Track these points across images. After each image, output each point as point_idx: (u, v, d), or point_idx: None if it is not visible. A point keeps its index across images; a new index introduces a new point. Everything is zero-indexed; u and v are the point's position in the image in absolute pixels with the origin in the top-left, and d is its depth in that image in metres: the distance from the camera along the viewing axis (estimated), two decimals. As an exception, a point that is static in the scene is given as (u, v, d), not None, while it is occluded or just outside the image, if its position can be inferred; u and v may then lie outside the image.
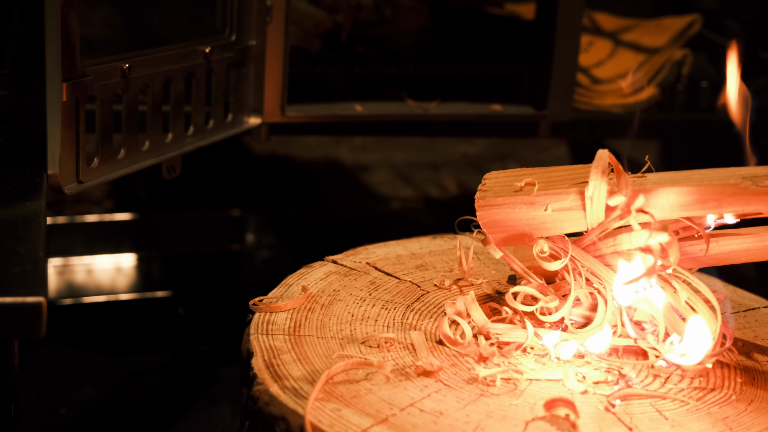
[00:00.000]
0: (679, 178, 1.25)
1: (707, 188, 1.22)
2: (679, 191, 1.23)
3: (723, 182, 1.22)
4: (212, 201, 2.92)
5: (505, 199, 1.28)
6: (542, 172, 1.31)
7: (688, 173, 1.26)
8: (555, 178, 1.29)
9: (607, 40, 2.45)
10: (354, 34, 2.16)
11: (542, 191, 1.27)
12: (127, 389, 2.08)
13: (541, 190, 1.27)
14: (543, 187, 1.27)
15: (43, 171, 1.46)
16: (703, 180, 1.23)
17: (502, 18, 2.39)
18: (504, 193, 1.28)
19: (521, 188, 1.27)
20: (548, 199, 1.27)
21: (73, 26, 1.43)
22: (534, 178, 1.28)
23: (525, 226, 1.29)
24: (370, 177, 3.37)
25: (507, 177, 1.31)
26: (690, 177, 1.25)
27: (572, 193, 1.26)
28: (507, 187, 1.29)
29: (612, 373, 1.23)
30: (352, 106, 2.03)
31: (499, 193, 1.29)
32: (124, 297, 2.32)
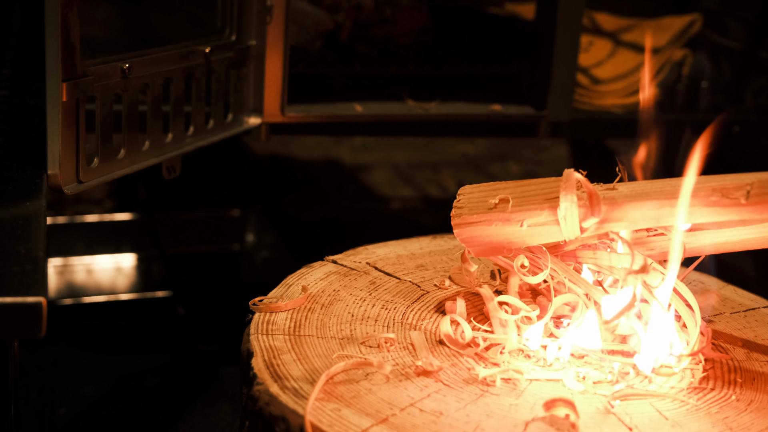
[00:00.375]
0: (651, 189, 1.24)
1: (677, 201, 1.22)
2: (650, 205, 1.23)
3: (693, 194, 1.22)
4: (212, 201, 2.92)
5: (481, 217, 1.28)
6: (516, 186, 1.30)
7: (661, 183, 1.25)
8: (529, 193, 1.28)
9: (607, 40, 2.45)
10: (354, 34, 2.16)
11: (516, 207, 1.27)
12: (127, 389, 2.08)
13: (515, 207, 1.27)
14: (517, 203, 1.27)
15: (43, 171, 1.46)
16: (674, 192, 1.23)
17: (502, 18, 2.39)
18: (479, 209, 1.29)
19: (495, 205, 1.28)
20: (523, 216, 1.27)
21: (73, 26, 1.43)
22: (508, 193, 1.28)
23: (502, 240, 1.30)
24: (370, 177, 3.37)
25: (481, 192, 1.31)
26: (662, 189, 1.24)
27: (546, 209, 1.26)
28: (482, 203, 1.29)
29: (612, 373, 1.23)
30: (352, 106, 2.03)
31: (474, 210, 1.29)
32: (124, 297, 2.32)
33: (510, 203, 1.27)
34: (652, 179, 1.32)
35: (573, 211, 1.24)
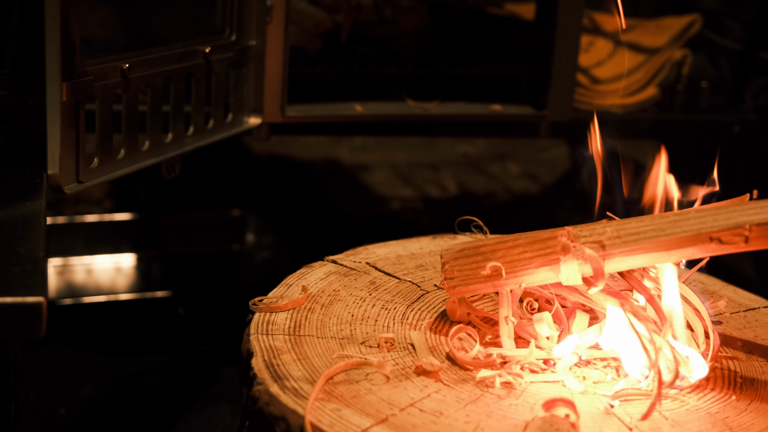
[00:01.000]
0: (646, 230, 1.23)
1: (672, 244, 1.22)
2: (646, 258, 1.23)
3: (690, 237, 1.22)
4: (212, 201, 2.92)
5: (477, 287, 1.27)
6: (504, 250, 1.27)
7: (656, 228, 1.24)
8: (518, 255, 1.26)
9: (607, 40, 2.45)
10: (354, 34, 2.16)
11: (511, 273, 1.26)
12: (127, 389, 2.08)
13: (509, 272, 1.26)
14: (509, 268, 1.25)
15: (43, 171, 1.46)
16: (669, 235, 1.22)
17: (502, 18, 2.39)
18: (472, 279, 1.27)
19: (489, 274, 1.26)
20: (519, 279, 1.27)
21: (73, 26, 1.43)
22: (497, 258, 1.25)
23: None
24: (370, 177, 3.37)
25: (467, 258, 1.27)
26: (658, 230, 1.23)
27: (542, 270, 1.26)
28: (472, 272, 1.27)
29: (612, 373, 1.23)
30: (352, 106, 2.03)
31: (467, 281, 1.27)
32: (124, 297, 2.32)
33: (503, 271, 1.25)
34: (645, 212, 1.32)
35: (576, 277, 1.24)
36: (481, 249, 1.27)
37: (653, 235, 1.22)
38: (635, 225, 1.23)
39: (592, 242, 1.23)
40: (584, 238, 1.23)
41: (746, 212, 1.20)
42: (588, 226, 1.25)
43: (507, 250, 1.26)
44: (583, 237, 1.23)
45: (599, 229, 1.24)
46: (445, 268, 1.27)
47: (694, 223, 1.21)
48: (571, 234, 1.23)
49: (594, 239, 1.23)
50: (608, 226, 1.23)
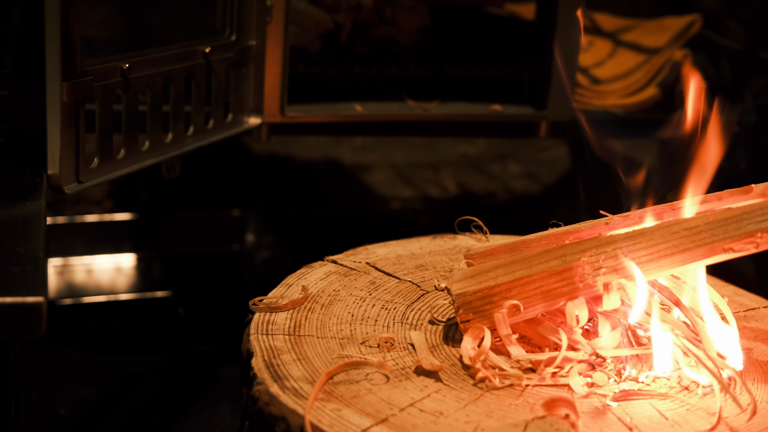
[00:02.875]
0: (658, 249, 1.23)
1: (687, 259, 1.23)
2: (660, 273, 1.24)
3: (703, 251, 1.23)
4: (212, 201, 2.92)
5: (494, 323, 1.25)
6: (518, 287, 1.24)
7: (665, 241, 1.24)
8: (534, 291, 1.24)
9: (607, 40, 2.45)
10: (354, 34, 2.16)
11: (530, 308, 1.24)
12: (127, 389, 2.08)
13: (527, 307, 1.24)
14: (527, 304, 1.24)
15: (43, 171, 1.46)
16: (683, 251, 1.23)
17: (502, 18, 2.39)
18: (489, 317, 1.24)
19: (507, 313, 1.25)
20: (537, 311, 1.26)
21: (73, 26, 1.43)
22: (512, 297, 1.24)
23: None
24: (370, 177, 3.37)
25: (482, 301, 1.25)
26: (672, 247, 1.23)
27: (561, 300, 1.25)
28: (486, 309, 1.25)
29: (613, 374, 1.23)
30: (352, 106, 2.03)
31: (483, 320, 1.25)
32: (124, 297, 2.32)
33: (521, 308, 1.25)
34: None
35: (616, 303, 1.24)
36: (494, 290, 1.25)
37: (666, 253, 1.23)
38: (646, 244, 1.23)
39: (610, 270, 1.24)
40: (602, 269, 1.24)
41: (755, 220, 1.22)
42: (598, 249, 1.24)
43: (522, 287, 1.25)
44: (599, 265, 1.24)
45: (610, 252, 1.23)
46: (460, 312, 1.25)
47: (705, 237, 1.23)
48: (589, 265, 1.23)
49: (611, 266, 1.24)
50: (619, 248, 1.23)
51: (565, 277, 1.24)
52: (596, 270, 1.23)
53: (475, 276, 1.26)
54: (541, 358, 1.22)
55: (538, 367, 1.22)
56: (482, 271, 1.25)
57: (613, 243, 1.24)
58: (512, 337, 1.25)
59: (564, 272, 1.24)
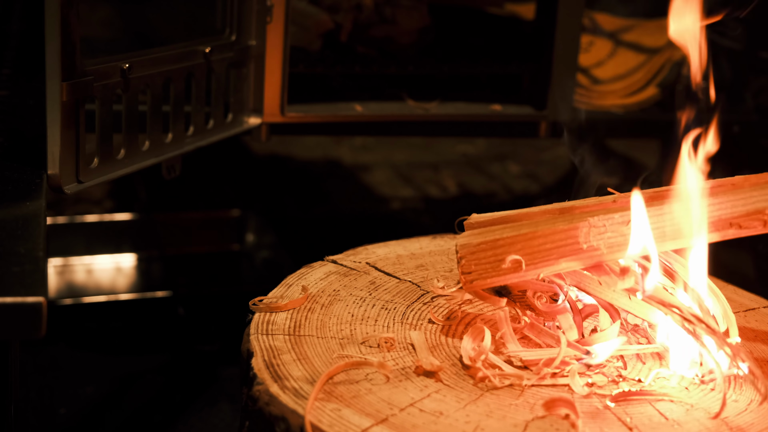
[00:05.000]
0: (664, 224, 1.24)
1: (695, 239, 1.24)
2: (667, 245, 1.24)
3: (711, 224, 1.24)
4: (212, 201, 2.91)
5: (495, 279, 1.25)
6: (523, 241, 1.25)
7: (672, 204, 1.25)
8: (539, 248, 1.24)
9: (607, 40, 2.45)
10: (354, 34, 2.16)
11: (531, 266, 1.24)
12: (127, 389, 2.08)
13: (529, 264, 1.24)
14: (529, 260, 1.24)
15: (43, 171, 1.46)
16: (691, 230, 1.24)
17: (502, 18, 2.39)
18: (491, 273, 1.25)
19: (508, 268, 1.25)
20: (539, 271, 1.25)
21: (73, 26, 1.43)
22: (515, 250, 1.24)
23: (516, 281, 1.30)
24: (370, 177, 3.37)
25: (485, 253, 1.26)
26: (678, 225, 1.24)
27: (563, 262, 1.25)
28: (491, 265, 1.25)
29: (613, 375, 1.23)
30: (352, 106, 2.03)
31: (484, 275, 1.25)
32: (124, 297, 2.32)
33: (523, 263, 1.24)
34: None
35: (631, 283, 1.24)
36: (498, 242, 1.25)
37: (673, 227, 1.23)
38: (656, 214, 1.23)
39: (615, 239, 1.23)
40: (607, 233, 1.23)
41: (764, 198, 1.22)
42: (605, 214, 1.24)
43: (526, 242, 1.24)
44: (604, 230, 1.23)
45: (618, 219, 1.23)
46: (462, 263, 1.25)
47: (713, 209, 1.22)
48: (595, 227, 1.23)
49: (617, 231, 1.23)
50: (626, 217, 1.23)
51: (570, 235, 1.24)
52: (601, 233, 1.23)
53: (481, 233, 1.26)
54: (537, 357, 1.22)
55: (533, 366, 1.22)
56: (488, 230, 1.25)
57: (621, 210, 1.24)
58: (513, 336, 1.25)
59: (569, 230, 1.24)
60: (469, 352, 1.22)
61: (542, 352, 1.24)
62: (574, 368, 1.21)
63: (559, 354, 1.22)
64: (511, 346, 1.25)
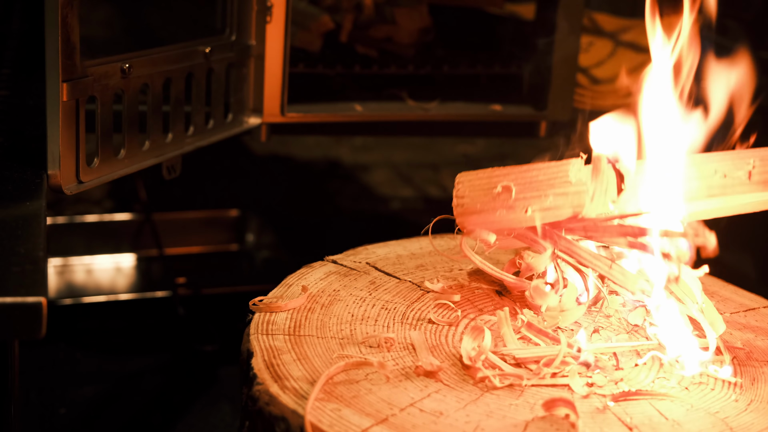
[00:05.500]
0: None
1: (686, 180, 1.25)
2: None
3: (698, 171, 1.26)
4: (212, 201, 2.91)
5: (484, 206, 1.28)
6: (517, 173, 1.30)
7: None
8: (531, 180, 1.29)
9: (607, 40, 2.45)
10: (354, 34, 2.16)
11: (520, 195, 1.27)
12: (127, 389, 2.08)
13: (519, 194, 1.27)
14: (520, 191, 1.27)
15: (43, 171, 1.46)
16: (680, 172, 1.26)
17: (502, 18, 2.39)
18: (481, 198, 1.28)
19: (499, 194, 1.28)
20: (528, 203, 1.27)
21: (73, 26, 1.43)
22: (509, 180, 1.28)
23: (507, 225, 1.31)
24: (370, 177, 3.37)
25: (481, 180, 1.31)
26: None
27: (551, 195, 1.27)
28: (483, 192, 1.29)
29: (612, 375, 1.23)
30: (352, 106, 2.03)
31: (476, 199, 1.28)
32: (124, 297, 2.32)
33: (513, 191, 1.27)
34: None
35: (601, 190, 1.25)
36: (495, 173, 1.31)
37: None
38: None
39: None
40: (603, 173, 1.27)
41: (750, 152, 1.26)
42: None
43: (520, 173, 1.30)
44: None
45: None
46: (457, 188, 1.28)
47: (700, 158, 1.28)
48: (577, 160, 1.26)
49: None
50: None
51: (562, 170, 1.29)
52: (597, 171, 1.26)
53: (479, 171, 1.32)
54: (530, 355, 1.22)
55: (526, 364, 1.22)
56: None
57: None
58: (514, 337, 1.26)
59: (562, 165, 1.29)
60: (469, 352, 1.22)
61: (535, 350, 1.24)
62: (573, 368, 1.21)
63: (558, 354, 1.22)
64: (510, 346, 1.25)
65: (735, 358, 1.29)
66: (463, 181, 1.31)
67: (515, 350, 1.24)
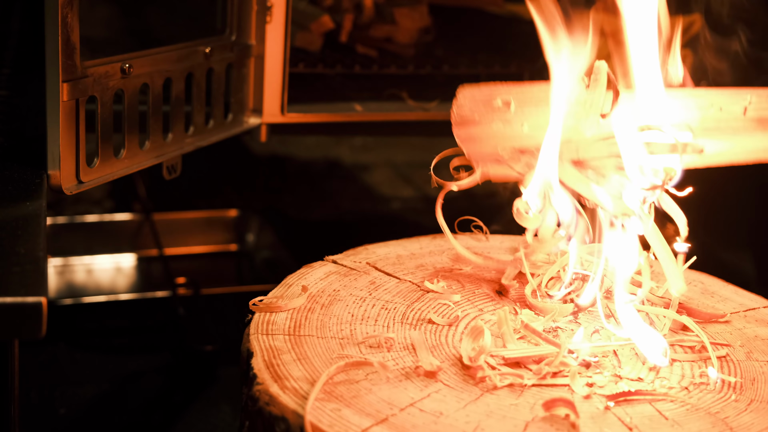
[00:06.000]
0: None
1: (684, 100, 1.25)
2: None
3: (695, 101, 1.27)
4: (212, 201, 2.91)
5: (482, 117, 1.28)
6: (519, 90, 1.31)
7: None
8: (530, 96, 1.30)
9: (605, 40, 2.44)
10: (354, 34, 2.16)
11: (519, 111, 1.28)
12: (127, 389, 2.08)
13: (518, 109, 1.28)
14: (519, 105, 1.28)
15: (43, 171, 1.46)
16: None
17: (502, 18, 2.39)
18: (480, 110, 1.29)
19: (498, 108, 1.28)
20: (525, 117, 1.28)
21: (73, 26, 1.43)
22: (510, 96, 1.29)
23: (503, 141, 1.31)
24: (370, 177, 3.37)
25: (482, 93, 1.31)
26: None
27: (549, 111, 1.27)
28: (483, 104, 1.30)
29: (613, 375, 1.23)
30: (352, 106, 2.03)
31: (475, 111, 1.29)
32: (124, 297, 2.32)
33: (512, 106, 1.27)
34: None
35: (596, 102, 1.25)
36: (497, 87, 1.31)
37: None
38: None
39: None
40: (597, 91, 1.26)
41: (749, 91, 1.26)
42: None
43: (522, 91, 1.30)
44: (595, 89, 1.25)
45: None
46: (458, 98, 1.29)
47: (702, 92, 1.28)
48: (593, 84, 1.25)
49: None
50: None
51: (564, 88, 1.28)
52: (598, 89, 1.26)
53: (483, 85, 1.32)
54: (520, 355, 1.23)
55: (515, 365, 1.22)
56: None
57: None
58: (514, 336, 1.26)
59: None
60: (469, 352, 1.22)
61: (526, 350, 1.24)
62: (574, 368, 1.21)
63: (558, 354, 1.22)
64: (510, 346, 1.25)
65: (727, 356, 1.30)
66: (464, 93, 1.32)
67: (515, 350, 1.24)
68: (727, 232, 1.41)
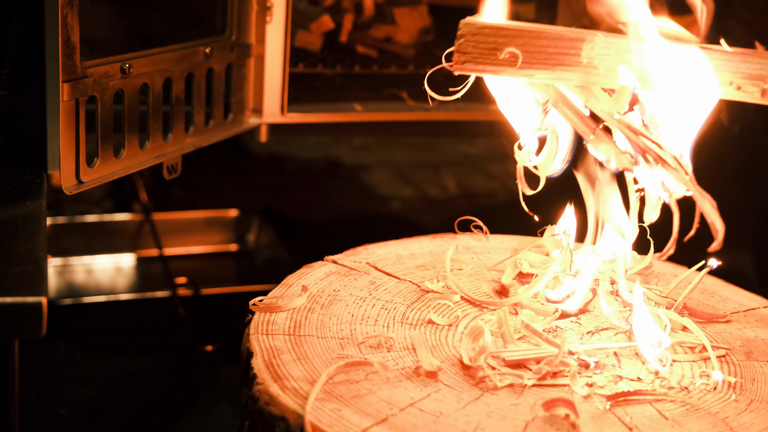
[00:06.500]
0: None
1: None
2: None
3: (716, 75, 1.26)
4: (212, 201, 2.91)
5: (487, 67, 1.21)
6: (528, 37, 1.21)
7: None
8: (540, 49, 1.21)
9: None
10: (354, 34, 2.16)
11: (527, 64, 1.20)
12: (127, 389, 2.08)
13: (525, 63, 1.20)
14: (527, 58, 1.20)
15: (43, 171, 1.46)
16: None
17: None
18: (485, 59, 1.21)
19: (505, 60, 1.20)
20: (533, 72, 1.22)
21: (73, 26, 1.43)
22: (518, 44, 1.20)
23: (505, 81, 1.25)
24: (370, 177, 3.37)
25: (487, 37, 1.21)
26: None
27: (558, 69, 1.22)
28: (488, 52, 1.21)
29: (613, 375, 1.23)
30: (352, 106, 2.03)
31: (479, 60, 1.21)
32: (124, 297, 2.32)
33: (519, 60, 1.21)
34: None
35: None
36: (503, 31, 1.21)
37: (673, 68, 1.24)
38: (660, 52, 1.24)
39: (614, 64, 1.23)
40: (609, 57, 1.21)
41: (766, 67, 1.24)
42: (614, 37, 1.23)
43: (530, 39, 1.21)
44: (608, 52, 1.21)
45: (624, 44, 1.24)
46: (460, 41, 1.20)
47: (719, 64, 1.24)
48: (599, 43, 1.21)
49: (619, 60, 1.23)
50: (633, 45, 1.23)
51: (574, 46, 1.22)
52: (605, 54, 1.22)
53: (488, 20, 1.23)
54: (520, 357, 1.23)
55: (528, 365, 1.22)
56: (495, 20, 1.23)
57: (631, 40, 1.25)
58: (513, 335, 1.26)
59: (575, 41, 1.21)
60: (469, 352, 1.22)
61: (526, 350, 1.24)
62: (574, 369, 1.21)
63: (558, 354, 1.22)
64: (510, 346, 1.25)
65: (727, 356, 1.30)
66: (466, 33, 1.21)
67: (515, 351, 1.24)
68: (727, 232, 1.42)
